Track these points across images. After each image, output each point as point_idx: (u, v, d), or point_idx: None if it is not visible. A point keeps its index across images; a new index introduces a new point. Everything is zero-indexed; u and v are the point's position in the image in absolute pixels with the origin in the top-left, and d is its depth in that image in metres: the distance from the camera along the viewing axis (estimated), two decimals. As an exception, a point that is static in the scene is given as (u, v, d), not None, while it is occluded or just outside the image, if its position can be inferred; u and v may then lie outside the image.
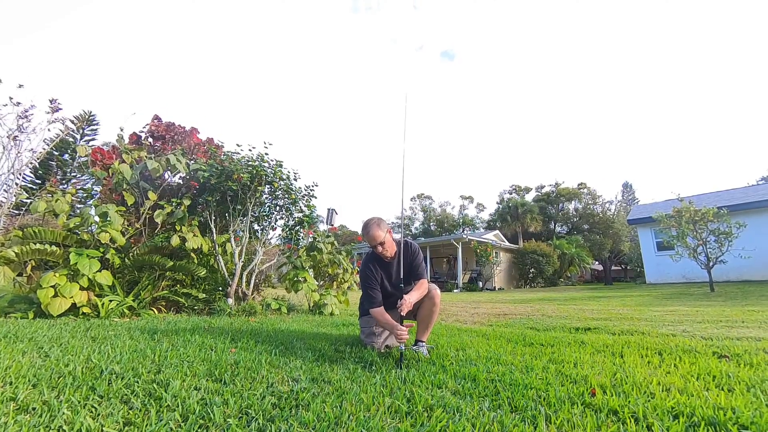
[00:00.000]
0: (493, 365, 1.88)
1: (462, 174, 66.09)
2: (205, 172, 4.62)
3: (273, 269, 6.10)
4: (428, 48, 47.57)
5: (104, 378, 1.48)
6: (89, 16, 23.37)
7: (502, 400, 1.35)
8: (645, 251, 13.83)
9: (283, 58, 43.81)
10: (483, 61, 48.17)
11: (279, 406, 1.26)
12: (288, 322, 3.72)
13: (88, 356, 1.85)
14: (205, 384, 1.46)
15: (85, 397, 1.26)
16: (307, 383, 1.52)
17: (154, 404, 1.22)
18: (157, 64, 39.72)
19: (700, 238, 8.43)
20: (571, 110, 54.54)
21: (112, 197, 4.62)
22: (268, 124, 56.57)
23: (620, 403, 1.29)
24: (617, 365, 1.87)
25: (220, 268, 4.84)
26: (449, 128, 62.24)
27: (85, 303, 3.58)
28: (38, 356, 1.86)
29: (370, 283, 2.25)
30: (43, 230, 3.83)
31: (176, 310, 4.47)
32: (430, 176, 67.38)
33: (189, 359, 1.87)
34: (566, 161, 57.77)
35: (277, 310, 4.66)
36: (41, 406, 1.17)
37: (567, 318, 4.20)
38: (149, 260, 4.16)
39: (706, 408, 1.23)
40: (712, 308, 4.80)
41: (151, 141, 5.27)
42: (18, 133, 4.53)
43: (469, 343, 2.54)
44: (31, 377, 1.45)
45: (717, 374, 1.67)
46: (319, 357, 2.03)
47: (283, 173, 4.93)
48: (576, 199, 32.08)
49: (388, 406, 1.28)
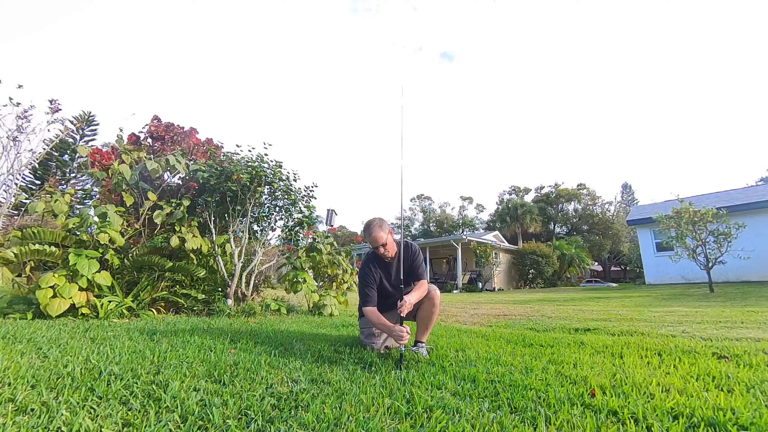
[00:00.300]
0: (493, 366, 1.88)
1: (462, 175, 66.22)
2: (204, 173, 4.62)
3: (272, 270, 6.10)
4: (428, 49, 47.74)
5: (103, 379, 1.48)
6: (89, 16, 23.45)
7: (502, 401, 1.35)
8: (644, 252, 13.84)
9: (283, 59, 43.92)
10: (482, 62, 48.32)
11: (278, 407, 1.26)
12: (287, 323, 3.71)
13: (87, 357, 1.85)
14: (205, 385, 1.45)
15: (83, 398, 1.26)
16: (307, 384, 1.51)
17: (153, 405, 1.22)
18: (157, 65, 39.73)
19: (700, 239, 8.44)
20: (570, 111, 54.63)
21: (111, 198, 4.62)
22: (268, 125, 56.65)
23: (620, 403, 1.29)
24: (617, 366, 1.87)
25: (219, 269, 4.83)
26: (449, 129, 62.33)
27: (84, 304, 3.57)
28: (37, 357, 1.86)
29: (367, 281, 2.25)
30: (42, 231, 3.82)
31: (175, 310, 4.46)
32: (430, 177, 67.52)
33: (188, 360, 1.87)
34: (566, 162, 57.88)
35: (276, 311, 4.65)
36: (40, 407, 1.17)
37: (566, 319, 4.20)
38: (148, 261, 4.16)
39: (705, 409, 1.23)
40: (711, 309, 4.81)
41: (150, 142, 5.27)
42: (17, 134, 4.52)
43: (469, 344, 2.54)
44: (30, 378, 1.45)
45: (716, 375, 1.67)
46: (318, 358, 2.03)
47: (283, 174, 4.93)
48: (575, 200, 32.15)
49: (387, 407, 1.27)
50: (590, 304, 6.33)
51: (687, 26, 34.70)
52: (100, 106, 25.82)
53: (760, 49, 36.66)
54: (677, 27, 34.40)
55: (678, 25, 33.94)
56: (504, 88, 53.02)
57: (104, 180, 4.53)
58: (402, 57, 35.31)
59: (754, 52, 37.80)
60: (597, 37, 37.94)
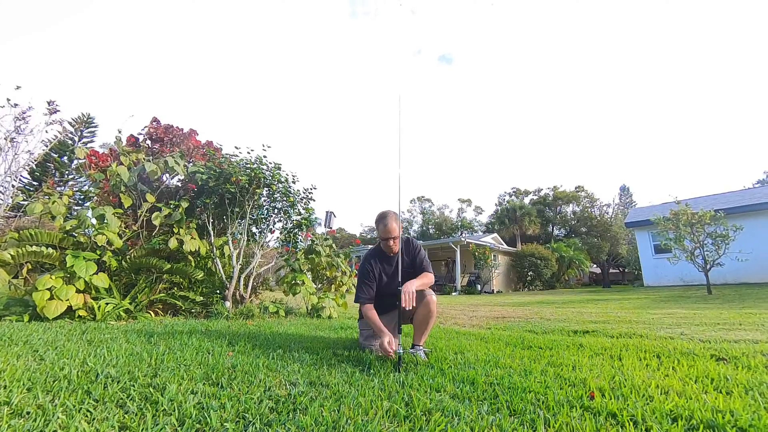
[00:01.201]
0: (492, 368, 1.87)
1: (460, 177, 66.36)
2: (203, 175, 4.62)
3: (271, 272, 6.08)
4: (426, 52, 47.97)
5: (100, 382, 1.47)
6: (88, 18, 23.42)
7: (501, 403, 1.34)
8: (642, 254, 13.88)
9: (282, 62, 44.08)
10: (481, 65, 48.58)
11: (276, 410, 1.25)
12: (286, 326, 3.70)
13: (84, 360, 1.84)
14: (202, 388, 1.44)
15: (80, 401, 1.25)
16: (305, 387, 1.51)
17: (150, 408, 1.21)
18: (158, 68, 39.86)
19: (697, 241, 8.47)
20: (568, 114, 54.91)
21: (109, 199, 4.61)
22: (267, 127, 56.71)
23: (619, 406, 1.29)
24: (616, 368, 1.87)
25: (217, 271, 4.81)
26: (448, 131, 62.51)
27: (81, 306, 3.55)
28: (33, 360, 1.84)
29: (366, 277, 2.26)
30: (40, 232, 3.81)
31: (173, 313, 4.44)
32: (429, 179, 67.62)
33: (186, 363, 1.85)
34: (564, 164, 58.12)
35: (274, 313, 4.63)
36: (36, 410, 1.16)
37: (565, 321, 4.20)
38: (146, 263, 4.14)
39: (704, 411, 1.23)
40: (709, 311, 4.81)
41: (149, 143, 5.26)
42: (15, 135, 4.51)
43: (468, 347, 2.53)
44: (26, 381, 1.44)
45: (715, 377, 1.67)
46: (316, 360, 2.02)
47: (282, 176, 4.93)
48: (574, 203, 32.22)
49: (386, 410, 1.27)
50: (589, 306, 6.33)
51: (683, 30, 35.01)
52: (99, 108, 25.85)
53: (756, 53, 36.99)
54: (673, 31, 34.73)
55: (674, 29, 34.25)
56: (502, 91, 53.35)
57: (102, 182, 4.52)
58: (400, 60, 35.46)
59: (749, 57, 38.16)
60: (595, 40, 38.23)
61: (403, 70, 37.37)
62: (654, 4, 28.83)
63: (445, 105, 53.42)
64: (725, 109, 53.87)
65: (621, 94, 52.20)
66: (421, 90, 43.31)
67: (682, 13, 31.77)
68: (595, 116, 55.53)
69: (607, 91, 52.11)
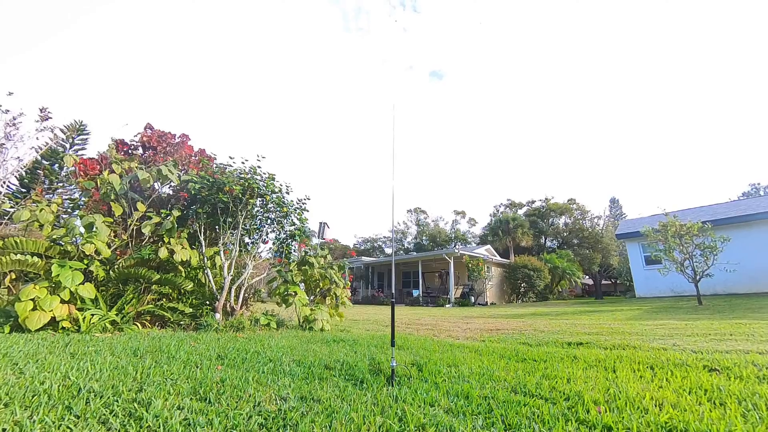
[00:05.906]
0: (486, 382, 1.85)
1: (454, 189, 66.93)
2: (196, 184, 4.58)
3: (263, 283, 6.00)
4: (418, 68, 48.93)
5: (82, 396, 1.41)
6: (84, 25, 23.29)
7: (496, 417, 1.32)
8: (634, 265, 14.03)
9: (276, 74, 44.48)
10: (471, 81, 49.58)
11: (266, 426, 1.22)
12: (277, 338, 3.63)
13: (66, 373, 1.77)
14: (189, 403, 1.40)
15: (60, 417, 1.20)
16: (296, 402, 1.47)
17: (134, 425, 1.16)
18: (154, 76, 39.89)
19: (686, 252, 8.60)
20: (559, 128, 56.11)
21: (99, 208, 4.53)
22: (262, 138, 56.78)
23: (614, 419, 1.28)
24: (610, 380, 1.86)
25: (208, 282, 4.73)
26: (442, 144, 63.28)
27: (66, 317, 3.44)
28: (12, 373, 1.77)
29: None
30: (25, 240, 3.71)
31: (161, 324, 4.33)
32: (423, 191, 68.08)
33: (173, 377, 1.80)
34: (556, 177, 59.03)
35: (266, 326, 4.55)
36: (12, 426, 1.11)
37: (559, 333, 4.19)
38: (134, 273, 4.05)
39: (699, 423, 1.22)
40: (700, 321, 4.85)
41: (141, 151, 5.22)
42: (4, 141, 4.45)
43: (462, 359, 2.50)
44: (3, 395, 1.38)
45: (708, 388, 1.67)
46: (308, 374, 1.97)
47: (276, 186, 4.92)
48: (566, 214, 32.59)
49: (379, 425, 1.24)
50: (582, 318, 6.34)
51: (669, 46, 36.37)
52: (93, 115, 25.49)
53: (743, 66, 38.46)
54: (660, 47, 36.03)
55: (660, 45, 35.55)
56: (494, 105, 54.45)
57: (92, 189, 4.46)
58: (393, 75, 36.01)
59: (736, 71, 39.68)
60: (585, 54, 39.47)
61: (395, 83, 38.00)
62: (640, 22, 30.00)
63: (438, 119, 54.23)
64: (711, 122, 55.62)
65: (610, 107, 53.65)
66: (414, 104, 44.07)
67: (666, 29, 33.01)
68: (586, 129, 56.87)
69: (597, 103, 53.53)
